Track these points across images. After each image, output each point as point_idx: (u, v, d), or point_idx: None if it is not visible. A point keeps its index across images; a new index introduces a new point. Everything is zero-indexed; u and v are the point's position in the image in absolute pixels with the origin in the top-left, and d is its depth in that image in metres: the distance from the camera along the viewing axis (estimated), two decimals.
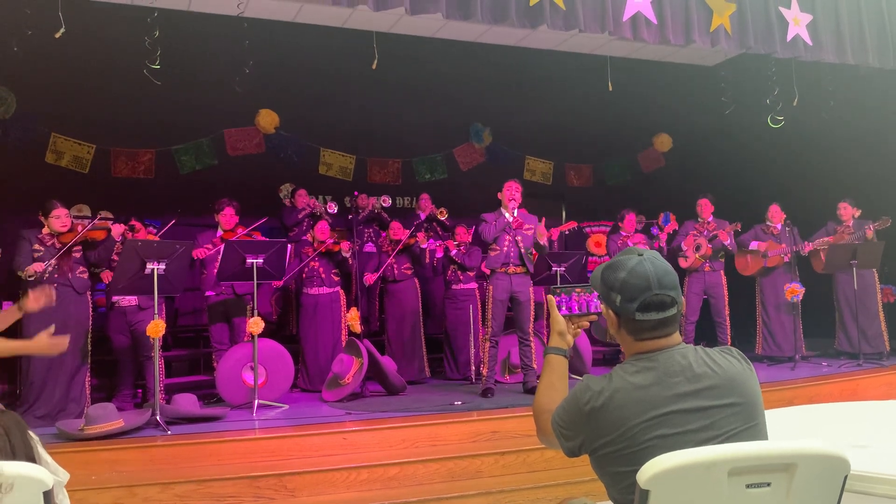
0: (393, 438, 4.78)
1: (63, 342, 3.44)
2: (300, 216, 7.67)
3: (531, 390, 5.92)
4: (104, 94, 7.36)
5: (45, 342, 3.38)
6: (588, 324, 2.10)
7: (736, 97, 8.31)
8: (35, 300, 3.70)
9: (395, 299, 7.19)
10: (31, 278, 5.30)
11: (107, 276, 5.95)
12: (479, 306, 7.03)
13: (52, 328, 3.49)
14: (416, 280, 7.28)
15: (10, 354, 3.57)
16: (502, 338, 6.19)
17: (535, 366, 6.11)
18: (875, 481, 2.09)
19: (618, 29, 5.78)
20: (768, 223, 7.53)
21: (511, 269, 6.00)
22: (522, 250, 5.99)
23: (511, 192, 6.08)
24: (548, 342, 2.09)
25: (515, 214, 6.04)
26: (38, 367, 5.36)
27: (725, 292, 7.32)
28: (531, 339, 6.11)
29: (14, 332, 5.68)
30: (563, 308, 2.08)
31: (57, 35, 5.34)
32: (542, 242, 6.11)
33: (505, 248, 6.01)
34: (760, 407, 1.79)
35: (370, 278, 7.02)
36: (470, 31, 7.59)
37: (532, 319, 6.17)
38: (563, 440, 1.83)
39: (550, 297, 2.09)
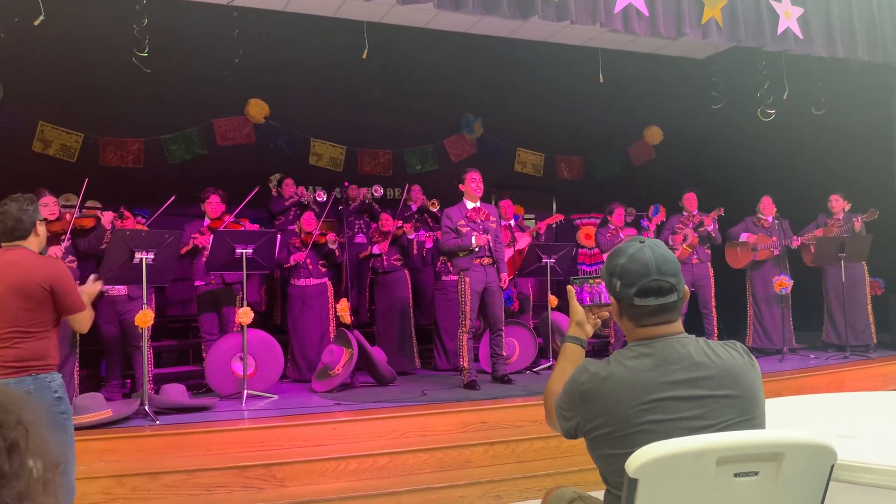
0: (383, 429, 4.79)
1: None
2: (287, 204, 7.64)
3: (500, 378, 5.99)
4: (92, 82, 7.29)
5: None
6: (608, 314, 2.14)
7: (727, 90, 8.32)
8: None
9: (386, 290, 7.18)
10: None
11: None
12: None
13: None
14: (406, 271, 7.27)
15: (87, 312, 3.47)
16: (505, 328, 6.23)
17: (505, 353, 6.19)
18: (861, 470, 2.11)
19: (609, 21, 5.78)
20: (760, 215, 7.54)
21: (485, 260, 6.00)
22: (491, 242, 6.00)
23: (476, 183, 6.08)
24: (566, 331, 2.14)
25: (478, 204, 6.07)
26: None
27: (712, 284, 7.34)
28: (503, 327, 6.15)
29: None
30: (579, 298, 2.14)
31: (36, 23, 5.27)
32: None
33: None
34: (759, 402, 1.80)
35: (383, 246, 7.04)
36: (461, 22, 7.57)
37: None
38: (563, 421, 1.86)
39: (570, 287, 2.15)
